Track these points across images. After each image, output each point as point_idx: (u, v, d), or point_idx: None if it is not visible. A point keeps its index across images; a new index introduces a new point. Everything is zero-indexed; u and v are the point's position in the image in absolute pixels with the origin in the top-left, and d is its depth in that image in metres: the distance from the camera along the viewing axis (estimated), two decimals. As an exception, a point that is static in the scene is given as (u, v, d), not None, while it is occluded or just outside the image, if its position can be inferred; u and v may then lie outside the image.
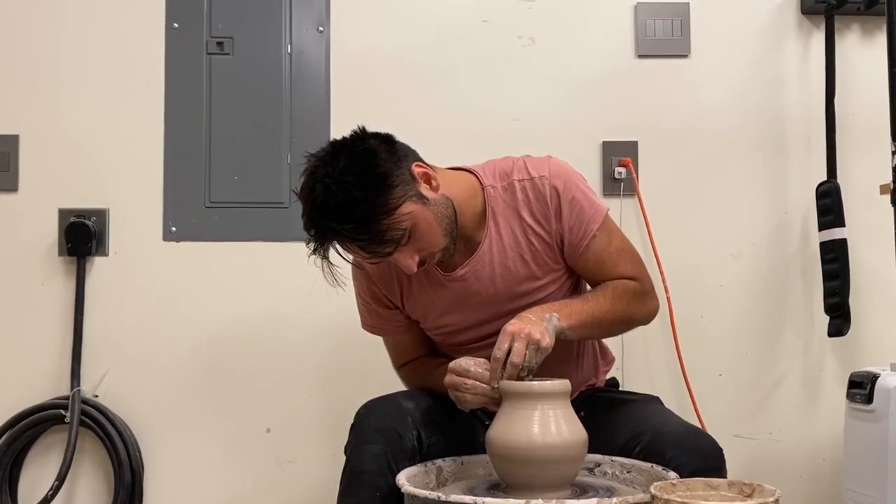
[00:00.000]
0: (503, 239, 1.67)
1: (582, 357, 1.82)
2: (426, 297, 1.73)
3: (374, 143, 1.56)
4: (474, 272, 1.68)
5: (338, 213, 1.49)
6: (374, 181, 1.50)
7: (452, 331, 1.76)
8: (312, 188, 1.52)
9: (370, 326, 1.84)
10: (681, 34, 2.35)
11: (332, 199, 1.48)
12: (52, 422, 2.24)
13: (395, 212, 1.51)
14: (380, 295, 1.77)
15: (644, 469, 1.54)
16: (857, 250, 2.27)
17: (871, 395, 1.93)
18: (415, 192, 1.55)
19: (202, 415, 2.29)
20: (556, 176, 1.66)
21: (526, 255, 1.67)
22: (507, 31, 2.35)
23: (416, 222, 1.54)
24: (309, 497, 2.24)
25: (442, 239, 1.60)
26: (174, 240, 2.30)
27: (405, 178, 1.55)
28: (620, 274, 1.69)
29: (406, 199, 1.53)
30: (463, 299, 1.70)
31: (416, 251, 1.57)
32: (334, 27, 2.34)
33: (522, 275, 1.68)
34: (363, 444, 1.57)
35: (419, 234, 1.55)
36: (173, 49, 2.32)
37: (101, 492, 2.28)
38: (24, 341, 2.28)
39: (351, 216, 1.48)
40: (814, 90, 2.34)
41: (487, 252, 1.67)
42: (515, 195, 1.67)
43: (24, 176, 2.29)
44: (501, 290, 1.68)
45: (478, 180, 1.70)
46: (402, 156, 1.58)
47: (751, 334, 2.34)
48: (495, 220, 1.67)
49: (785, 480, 2.24)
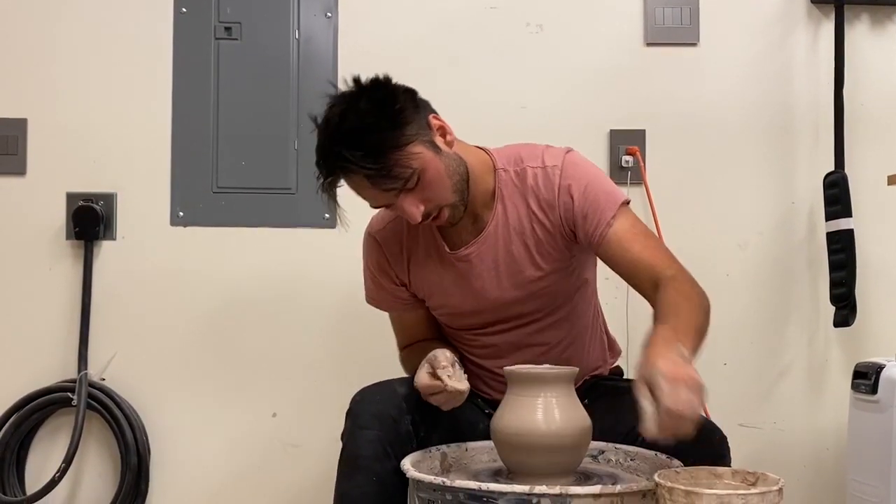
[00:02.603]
0: (509, 223, 1.67)
1: (589, 348, 1.83)
2: (432, 274, 1.73)
3: (396, 85, 1.60)
4: (479, 253, 1.68)
5: (349, 139, 1.51)
6: (389, 114, 1.53)
7: (455, 312, 1.76)
8: (329, 117, 1.56)
9: (373, 300, 1.84)
10: (690, 22, 2.34)
11: (346, 125, 1.52)
12: (59, 405, 2.25)
13: (404, 148, 1.52)
14: (387, 269, 1.78)
15: (648, 457, 1.55)
16: (863, 241, 2.26)
17: (876, 386, 1.93)
18: (429, 138, 1.58)
19: (208, 398, 2.30)
20: (569, 167, 1.65)
21: (529, 242, 1.67)
22: (515, 17, 2.34)
23: (426, 167, 1.55)
24: (314, 481, 2.25)
25: (451, 194, 1.60)
26: (181, 224, 2.31)
27: (420, 123, 1.58)
28: (651, 258, 1.59)
29: (418, 140, 1.55)
30: (466, 281, 1.71)
31: (422, 200, 1.57)
32: (342, 13, 2.34)
33: (524, 261, 1.68)
34: (358, 430, 1.58)
35: (427, 180, 1.56)
36: (181, 34, 2.32)
37: (108, 474, 2.29)
38: (32, 325, 2.29)
39: (361, 143, 1.50)
40: (822, 80, 2.33)
41: (493, 234, 1.68)
42: (526, 181, 1.67)
43: (31, 160, 2.30)
44: (504, 274, 1.69)
45: (491, 160, 1.70)
46: (422, 104, 1.62)
47: (756, 324, 2.34)
48: (503, 204, 1.68)
49: (789, 470, 2.24)
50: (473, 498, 1.32)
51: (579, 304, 1.78)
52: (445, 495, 1.35)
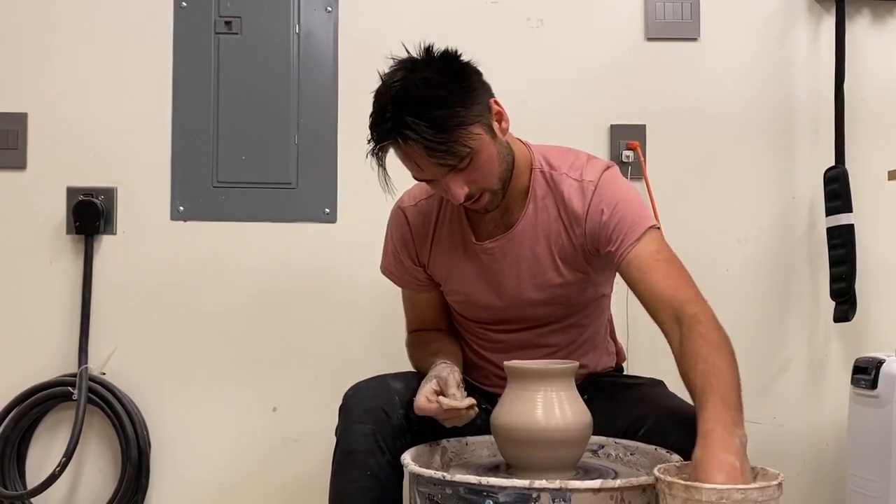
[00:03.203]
0: (538, 224, 1.66)
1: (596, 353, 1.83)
2: (453, 260, 1.73)
3: (468, 62, 1.58)
4: (503, 248, 1.68)
5: (417, 107, 1.47)
6: (462, 91, 1.52)
7: (469, 302, 1.76)
8: (393, 82, 1.51)
9: (389, 272, 1.83)
10: (690, 17, 2.34)
11: (416, 92, 1.49)
12: (59, 399, 2.25)
13: (469, 127, 1.51)
14: (410, 246, 1.77)
15: (647, 451, 1.55)
16: (863, 236, 2.26)
17: (876, 381, 1.93)
18: (488, 121, 1.56)
19: (208, 393, 2.30)
20: (604, 185, 1.63)
21: (554, 247, 1.66)
22: (516, 12, 2.34)
23: (481, 150, 1.54)
24: (314, 476, 2.25)
25: (496, 181, 1.59)
26: (182, 219, 2.31)
27: (485, 105, 1.56)
28: (673, 290, 1.52)
29: (481, 121, 1.54)
30: (486, 273, 1.70)
31: (468, 182, 1.55)
32: (343, 7, 2.33)
33: (547, 264, 1.67)
34: (351, 425, 1.59)
35: (479, 162, 1.54)
36: (182, 28, 2.31)
37: (109, 469, 2.29)
38: (32, 319, 2.29)
39: (430, 113, 1.47)
40: (823, 75, 2.33)
41: (521, 232, 1.67)
42: (560, 189, 1.65)
43: (32, 154, 2.30)
44: (525, 274, 1.68)
45: (531, 158, 1.69)
46: (487, 87, 1.60)
47: (756, 319, 2.34)
48: (535, 204, 1.67)
49: (788, 465, 2.25)
50: (473, 492, 1.33)
51: (593, 312, 1.79)
52: (445, 489, 1.36)
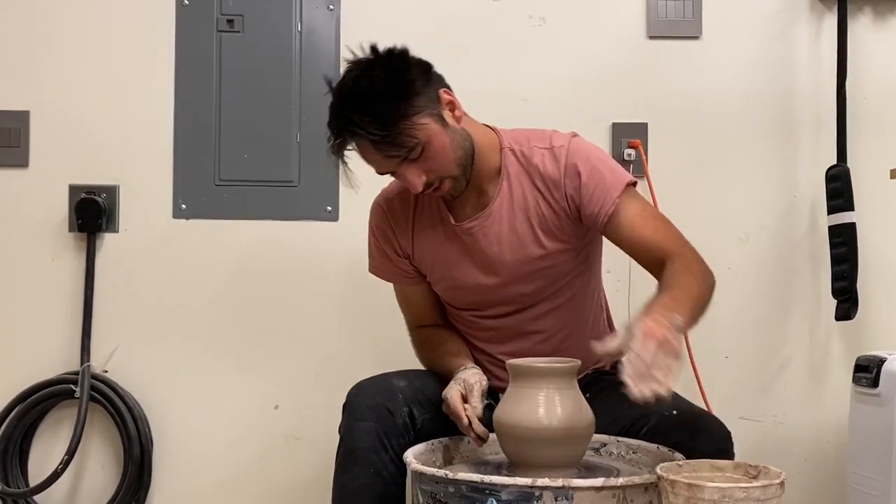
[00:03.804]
0: (514, 200, 1.70)
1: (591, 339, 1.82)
2: (436, 245, 1.75)
3: (411, 57, 1.64)
4: (482, 227, 1.70)
5: (360, 104, 1.55)
6: (401, 84, 1.57)
7: (456, 286, 1.77)
8: (343, 82, 1.61)
9: (377, 269, 1.86)
10: (692, 15, 2.34)
11: (358, 90, 1.57)
12: (62, 397, 2.25)
13: (412, 118, 1.56)
14: (391, 237, 1.80)
15: (650, 450, 1.55)
16: (865, 234, 2.26)
17: (877, 379, 1.93)
18: (437, 111, 1.61)
19: (211, 391, 2.30)
20: (575, 150, 1.69)
21: (533, 220, 1.69)
22: (518, 10, 2.34)
23: (431, 139, 1.58)
24: (316, 474, 2.25)
25: (454, 167, 1.63)
26: (184, 217, 2.31)
27: (430, 96, 1.61)
28: (662, 239, 1.64)
29: (426, 111, 1.59)
30: (469, 254, 1.73)
31: (424, 171, 1.60)
32: (344, 5, 2.33)
33: (528, 238, 1.70)
34: (355, 422, 1.60)
35: (431, 152, 1.59)
36: (184, 26, 2.31)
37: (111, 466, 2.30)
38: (35, 317, 2.30)
39: (371, 109, 1.54)
40: (825, 73, 2.33)
41: (497, 210, 1.70)
42: (532, 161, 1.70)
43: (34, 152, 2.30)
44: (506, 250, 1.70)
45: (499, 140, 1.73)
46: (435, 78, 1.65)
47: (758, 317, 2.34)
48: (509, 181, 1.70)
49: (789, 463, 2.24)
50: (476, 490, 1.33)
51: (580, 292, 1.79)
52: (448, 488, 1.36)
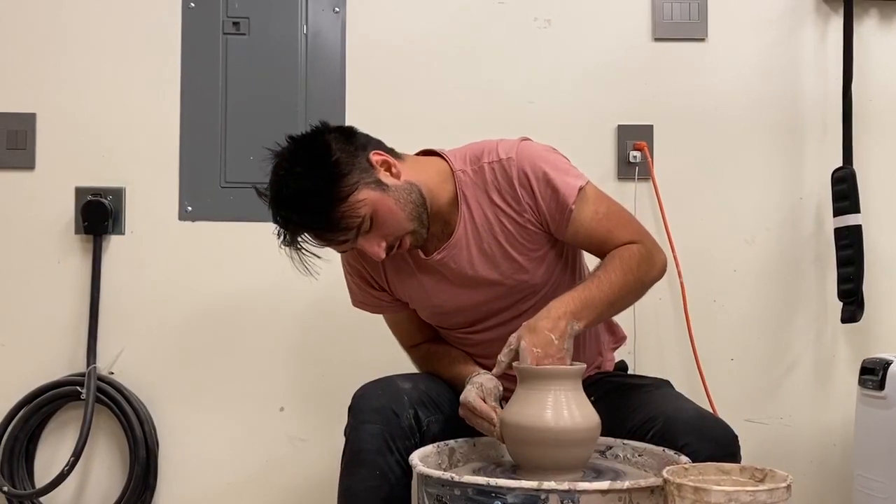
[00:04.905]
0: (476, 222, 1.68)
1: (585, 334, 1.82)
2: (411, 279, 1.75)
3: (329, 137, 1.60)
4: (451, 256, 1.69)
5: (292, 204, 1.55)
6: (326, 171, 1.54)
7: (439, 313, 1.77)
8: (272, 182, 1.59)
9: (361, 303, 1.86)
10: (698, 17, 2.34)
11: (287, 191, 1.55)
12: (68, 398, 2.26)
13: (348, 199, 1.54)
14: (367, 276, 1.80)
15: (656, 453, 1.55)
16: (871, 237, 2.26)
17: (883, 382, 1.93)
18: (372, 179, 1.58)
19: (216, 393, 2.30)
20: (524, 158, 1.65)
21: (500, 237, 1.67)
22: (523, 12, 2.34)
23: (376, 209, 1.57)
24: (322, 476, 2.25)
25: (408, 223, 1.61)
26: (190, 219, 2.31)
27: (361, 167, 1.58)
28: (619, 239, 1.65)
29: (361, 186, 1.56)
30: (444, 283, 1.72)
31: (381, 237, 1.59)
32: (350, 8, 2.33)
33: (499, 258, 1.68)
34: (360, 425, 1.59)
35: (380, 220, 1.58)
36: (190, 28, 2.32)
37: (117, 468, 2.30)
38: (41, 319, 2.30)
39: (305, 206, 1.54)
40: (831, 75, 2.33)
41: (462, 236, 1.68)
42: (485, 178, 1.67)
43: (40, 154, 2.31)
44: (482, 273, 1.69)
45: (448, 165, 1.70)
46: (360, 145, 1.61)
47: (764, 319, 2.33)
48: (467, 204, 1.68)
49: (795, 465, 2.25)
50: (482, 493, 1.33)
51: (568, 280, 1.76)
52: (454, 490, 1.36)
